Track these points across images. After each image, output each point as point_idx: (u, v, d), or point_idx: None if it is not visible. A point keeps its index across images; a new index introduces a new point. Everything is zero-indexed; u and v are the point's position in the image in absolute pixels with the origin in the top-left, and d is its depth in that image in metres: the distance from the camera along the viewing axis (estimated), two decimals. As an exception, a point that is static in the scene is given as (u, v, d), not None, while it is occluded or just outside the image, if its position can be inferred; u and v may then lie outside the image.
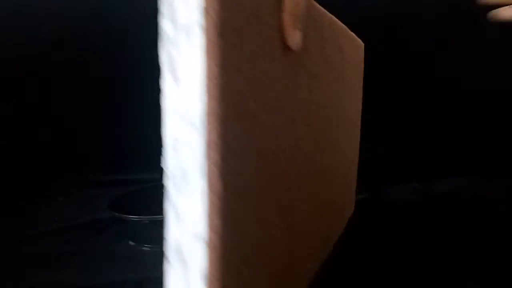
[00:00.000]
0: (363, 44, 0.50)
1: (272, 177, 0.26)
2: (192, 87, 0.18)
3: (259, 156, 0.23)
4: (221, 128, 0.18)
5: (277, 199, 0.27)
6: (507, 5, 0.43)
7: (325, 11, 0.33)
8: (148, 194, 0.60)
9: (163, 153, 0.21)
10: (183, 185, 0.19)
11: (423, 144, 0.77)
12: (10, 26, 0.72)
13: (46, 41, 0.73)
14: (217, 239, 0.18)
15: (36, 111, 0.75)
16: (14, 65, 0.73)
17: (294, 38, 0.25)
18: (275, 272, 0.27)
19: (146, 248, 0.49)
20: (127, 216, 0.48)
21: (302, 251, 0.34)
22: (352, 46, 0.44)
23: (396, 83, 0.71)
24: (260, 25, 0.22)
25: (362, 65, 0.50)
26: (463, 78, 0.75)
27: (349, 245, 0.40)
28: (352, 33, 0.43)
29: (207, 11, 0.17)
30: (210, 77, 0.18)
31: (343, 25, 0.39)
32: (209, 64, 0.18)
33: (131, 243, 0.50)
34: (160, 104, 0.20)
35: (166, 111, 0.20)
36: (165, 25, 0.19)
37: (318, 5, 0.31)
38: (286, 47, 0.25)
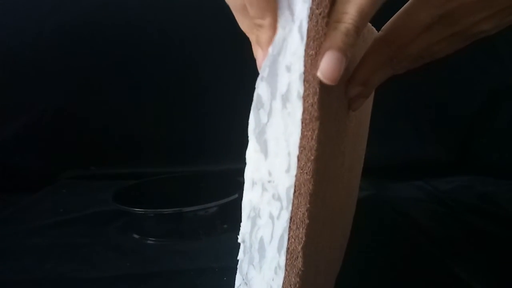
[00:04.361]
0: None
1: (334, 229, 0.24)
2: (282, 159, 0.16)
3: (326, 218, 0.21)
4: (308, 203, 0.16)
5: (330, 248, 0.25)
6: None
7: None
8: (153, 188, 0.61)
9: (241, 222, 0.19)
10: (257, 257, 0.18)
11: (428, 143, 0.77)
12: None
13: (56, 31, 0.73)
14: None
15: (39, 104, 0.75)
16: (21, 58, 0.73)
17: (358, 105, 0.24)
18: None
19: (150, 241, 0.49)
20: (132, 209, 0.48)
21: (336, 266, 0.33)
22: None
23: (401, 82, 0.71)
24: (341, 92, 0.20)
25: None
26: (468, 77, 0.75)
27: (354, 241, 0.40)
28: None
29: (307, 80, 0.16)
30: (304, 149, 0.16)
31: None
32: (305, 135, 0.16)
33: (135, 236, 0.51)
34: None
35: (248, 178, 0.18)
36: (262, 90, 0.17)
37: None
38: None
